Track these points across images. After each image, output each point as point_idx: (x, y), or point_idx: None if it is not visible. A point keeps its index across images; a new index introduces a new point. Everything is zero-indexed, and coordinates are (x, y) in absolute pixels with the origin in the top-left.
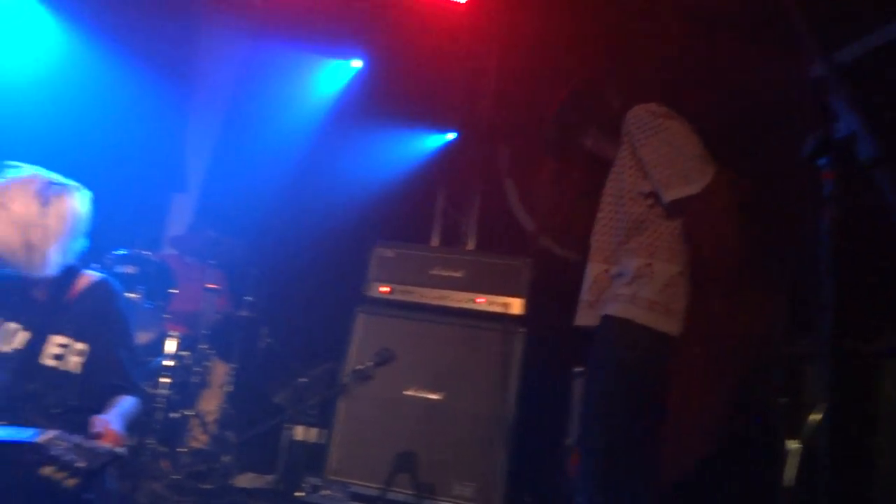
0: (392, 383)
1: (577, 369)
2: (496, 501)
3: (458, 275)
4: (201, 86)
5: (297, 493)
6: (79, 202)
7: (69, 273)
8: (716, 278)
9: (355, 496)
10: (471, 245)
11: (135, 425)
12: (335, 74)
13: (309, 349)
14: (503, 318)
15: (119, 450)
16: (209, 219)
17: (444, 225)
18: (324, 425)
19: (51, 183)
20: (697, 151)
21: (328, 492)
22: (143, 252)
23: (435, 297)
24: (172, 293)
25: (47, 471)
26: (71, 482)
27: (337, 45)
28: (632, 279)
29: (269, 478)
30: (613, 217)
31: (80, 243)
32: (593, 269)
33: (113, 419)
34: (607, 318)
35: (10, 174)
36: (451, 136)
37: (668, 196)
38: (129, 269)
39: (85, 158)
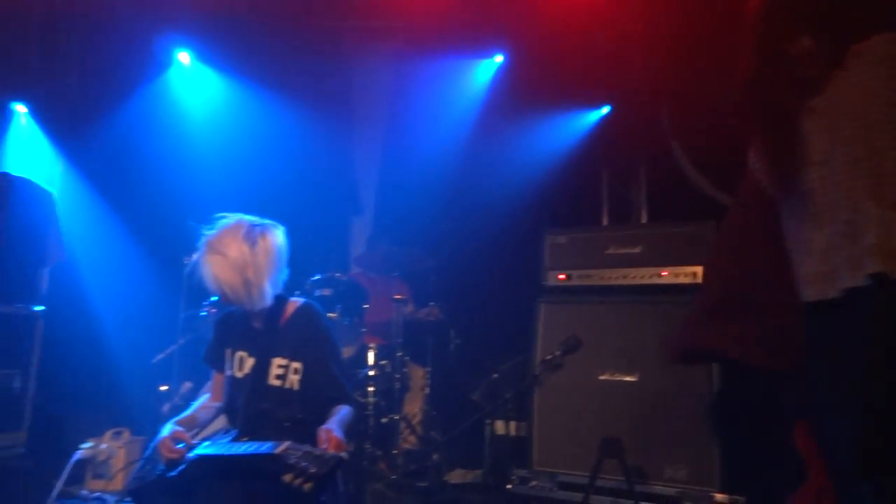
0: (585, 370)
1: None
2: (714, 482)
3: (636, 251)
4: (359, 111)
5: (507, 486)
6: (278, 237)
7: (279, 302)
8: None
9: (563, 485)
10: (643, 218)
11: (352, 432)
12: (480, 73)
13: (497, 345)
14: (692, 289)
15: (343, 454)
16: (385, 234)
17: (612, 202)
18: (522, 418)
19: (253, 225)
20: None
21: (536, 482)
22: (335, 274)
23: (615, 277)
24: (365, 308)
25: (287, 478)
26: (308, 486)
27: (477, 44)
28: None
29: (478, 472)
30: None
31: (285, 273)
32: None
33: (334, 428)
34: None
35: (220, 224)
36: (604, 110)
37: None
38: (326, 292)
39: (271, 198)
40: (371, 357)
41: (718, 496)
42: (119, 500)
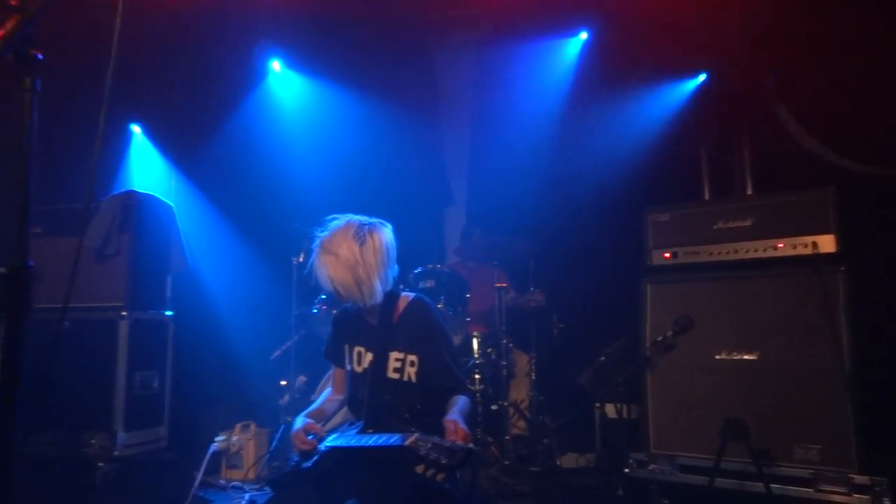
0: (700, 349)
1: None
2: (852, 462)
3: (746, 223)
4: (446, 102)
5: (625, 470)
6: (386, 235)
7: (391, 297)
8: None
9: (684, 468)
10: (748, 189)
11: (467, 420)
12: (565, 52)
13: (601, 328)
14: (813, 260)
15: (472, 446)
16: (479, 223)
17: (713, 174)
18: (632, 401)
19: (362, 224)
20: None
21: (655, 466)
22: (436, 266)
23: (725, 253)
24: (467, 297)
25: (420, 468)
26: (440, 477)
27: (560, 22)
28: None
29: (590, 456)
30: None
31: (394, 270)
32: None
33: (460, 419)
34: None
35: (331, 226)
36: (700, 79)
37: None
38: (429, 284)
39: (366, 195)
40: (476, 345)
41: (858, 478)
42: (259, 489)
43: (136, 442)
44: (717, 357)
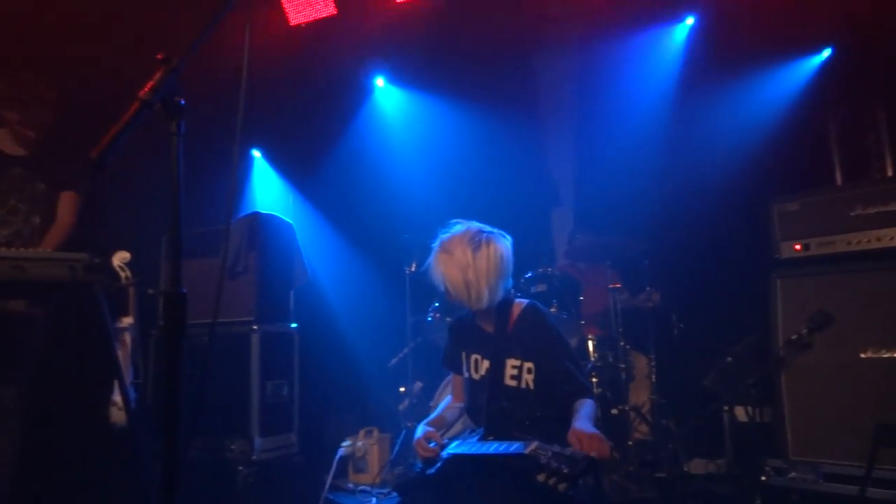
0: (842, 348)
1: None
2: None
3: (889, 208)
4: (547, 102)
5: (761, 478)
6: (502, 246)
7: (505, 305)
8: None
9: (830, 476)
10: (888, 170)
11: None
12: (671, 40)
13: (724, 327)
14: None
15: (595, 455)
16: (587, 223)
17: (844, 156)
18: (765, 403)
19: (481, 231)
20: None
21: (795, 474)
22: (546, 269)
23: (865, 241)
24: (580, 300)
25: (541, 477)
26: (562, 486)
27: (664, 9)
28: None
29: (720, 462)
30: None
31: (507, 282)
32: None
33: (585, 426)
34: None
35: (453, 229)
36: (824, 54)
37: None
38: (541, 288)
39: (474, 202)
40: (591, 348)
41: None
42: (386, 494)
43: (271, 447)
44: (863, 356)
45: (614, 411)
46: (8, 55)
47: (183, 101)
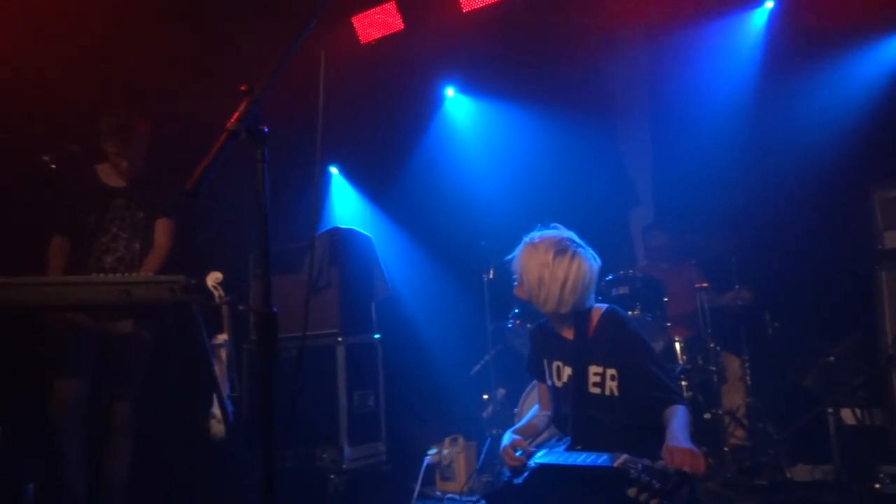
0: None
1: None
2: None
3: None
4: (620, 99)
5: (875, 486)
6: (586, 265)
7: (584, 313)
8: None
9: None
10: None
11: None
12: (750, 26)
13: (823, 324)
14: None
15: (688, 470)
16: (668, 221)
17: None
18: (875, 405)
19: (571, 241)
20: None
21: None
22: (628, 271)
23: None
24: (665, 301)
25: (632, 492)
26: (654, 502)
27: None
28: None
29: (827, 468)
30: None
31: (582, 299)
32: None
33: (678, 442)
34: None
35: (547, 231)
36: None
37: None
38: (622, 290)
39: (551, 207)
40: (679, 351)
41: None
42: (475, 502)
43: (360, 456)
44: None
45: (707, 416)
46: (107, 94)
47: (266, 129)
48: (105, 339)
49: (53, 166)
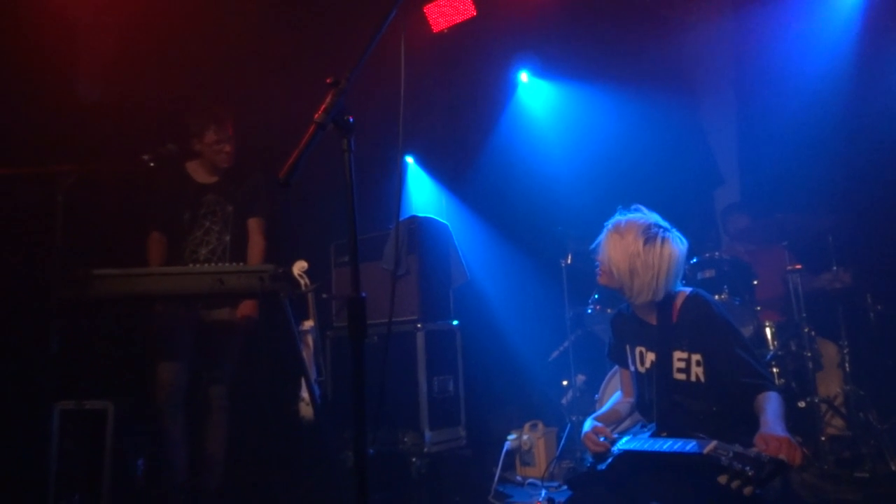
0: None
1: None
2: None
3: None
4: (703, 77)
5: None
6: (676, 248)
7: (668, 297)
8: None
9: None
10: None
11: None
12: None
13: None
14: None
15: (783, 457)
16: (751, 202)
17: None
18: None
19: (658, 226)
20: None
21: None
22: (713, 254)
23: None
24: (754, 284)
25: (723, 479)
26: (747, 490)
27: None
28: None
29: None
30: None
31: (671, 284)
32: None
33: (773, 431)
34: None
35: (632, 214)
36: None
37: None
38: (708, 274)
39: (632, 190)
40: (769, 336)
41: None
42: (556, 487)
43: (441, 440)
44: None
45: (801, 404)
46: (195, 95)
47: (352, 119)
48: (203, 327)
49: (152, 164)
